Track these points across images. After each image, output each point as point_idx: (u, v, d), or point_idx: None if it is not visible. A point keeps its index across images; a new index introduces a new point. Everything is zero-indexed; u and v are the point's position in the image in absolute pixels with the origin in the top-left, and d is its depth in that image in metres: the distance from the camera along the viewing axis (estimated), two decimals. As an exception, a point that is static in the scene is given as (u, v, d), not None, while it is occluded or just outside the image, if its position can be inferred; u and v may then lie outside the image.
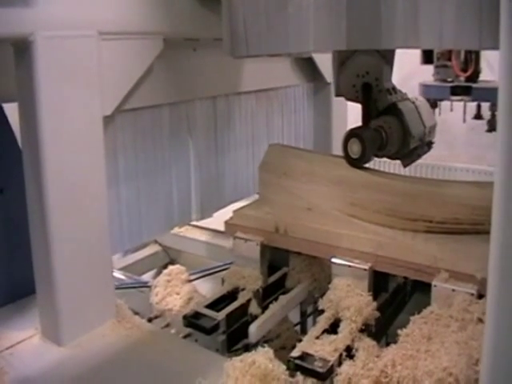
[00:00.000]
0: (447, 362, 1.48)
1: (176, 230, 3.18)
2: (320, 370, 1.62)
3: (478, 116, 4.12)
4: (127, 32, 2.04)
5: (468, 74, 3.78)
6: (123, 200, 2.28)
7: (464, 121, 4.14)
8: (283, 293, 2.16)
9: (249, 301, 2.08)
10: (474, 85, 3.77)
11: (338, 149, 3.43)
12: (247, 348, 2.00)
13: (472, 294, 1.67)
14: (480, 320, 1.62)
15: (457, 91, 3.81)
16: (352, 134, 2.05)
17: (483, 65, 3.86)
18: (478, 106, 4.08)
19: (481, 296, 1.68)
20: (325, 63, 3.31)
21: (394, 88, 2.29)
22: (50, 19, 1.76)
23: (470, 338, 1.56)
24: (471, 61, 3.78)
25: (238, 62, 2.77)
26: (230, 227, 2.25)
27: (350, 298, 1.83)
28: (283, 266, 2.27)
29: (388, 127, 2.13)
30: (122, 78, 2.07)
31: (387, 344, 1.83)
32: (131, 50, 2.07)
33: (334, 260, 1.93)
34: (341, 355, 1.68)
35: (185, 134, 2.59)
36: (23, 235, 2.01)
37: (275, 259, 2.26)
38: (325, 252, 2.00)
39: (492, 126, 3.95)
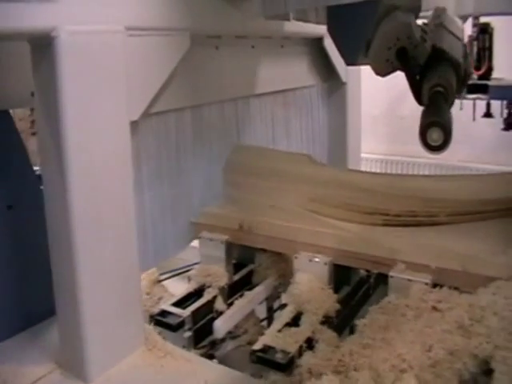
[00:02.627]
0: (401, 349, 1.53)
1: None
2: (281, 362, 1.67)
3: (488, 114, 4.06)
4: (155, 27, 1.88)
5: (482, 71, 3.75)
6: (147, 213, 2.12)
7: (474, 119, 4.10)
8: (250, 289, 2.20)
9: (215, 298, 2.12)
10: (491, 83, 3.72)
11: (353, 148, 3.51)
12: (214, 344, 2.04)
13: (427, 284, 1.73)
14: (434, 308, 1.68)
15: (473, 89, 3.73)
16: (431, 123, 1.76)
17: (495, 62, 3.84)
18: (488, 105, 4.03)
19: (435, 285, 1.74)
20: (341, 62, 3.20)
21: (423, 29, 2.00)
22: (75, 12, 1.56)
23: (424, 325, 1.61)
24: (484, 58, 3.76)
25: (257, 62, 2.65)
26: (196, 227, 2.29)
27: (311, 291, 1.88)
28: (250, 263, 2.31)
29: (445, 80, 1.90)
30: (150, 79, 1.90)
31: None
32: (159, 48, 1.90)
33: (295, 255, 1.98)
34: (301, 347, 1.72)
35: (207, 139, 2.43)
36: (34, 254, 1.87)
37: (242, 257, 2.31)
38: (287, 248, 2.05)
39: (510, 125, 3.92)
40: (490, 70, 3.80)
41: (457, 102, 3.95)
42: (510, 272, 1.66)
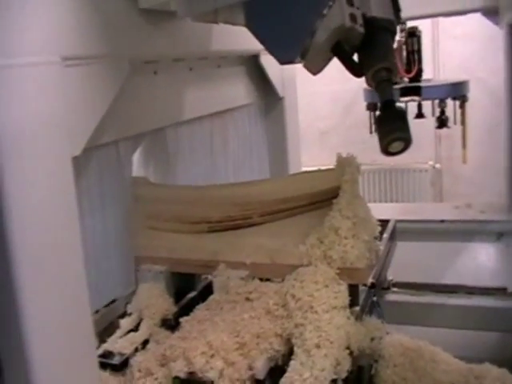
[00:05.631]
0: (210, 337, 1.74)
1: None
2: (115, 363, 1.85)
3: (420, 115, 4.06)
4: (92, 55, 1.78)
5: (412, 74, 3.83)
6: (91, 252, 2.00)
7: None
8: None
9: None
10: (423, 84, 3.79)
11: (293, 161, 3.55)
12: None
13: (243, 278, 1.97)
14: (247, 299, 1.91)
15: (407, 92, 3.76)
16: (395, 139, 1.69)
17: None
18: (419, 106, 4.04)
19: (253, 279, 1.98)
20: (278, 77, 3.30)
21: (349, 2, 1.71)
22: (7, 44, 1.46)
23: (236, 315, 1.83)
24: (414, 61, 3.83)
25: (195, 84, 2.56)
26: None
27: (150, 298, 2.08)
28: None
29: (387, 61, 1.74)
30: (91, 110, 1.77)
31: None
32: (98, 76, 1.80)
33: (137, 268, 2.19)
34: (137, 348, 1.92)
35: (147, 170, 2.48)
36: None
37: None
38: (135, 263, 2.25)
39: (443, 123, 3.95)
40: (419, 72, 3.89)
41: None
42: (308, 259, 1.91)
